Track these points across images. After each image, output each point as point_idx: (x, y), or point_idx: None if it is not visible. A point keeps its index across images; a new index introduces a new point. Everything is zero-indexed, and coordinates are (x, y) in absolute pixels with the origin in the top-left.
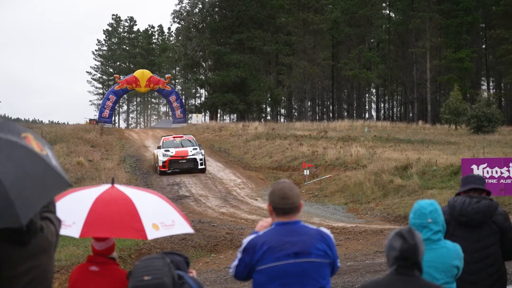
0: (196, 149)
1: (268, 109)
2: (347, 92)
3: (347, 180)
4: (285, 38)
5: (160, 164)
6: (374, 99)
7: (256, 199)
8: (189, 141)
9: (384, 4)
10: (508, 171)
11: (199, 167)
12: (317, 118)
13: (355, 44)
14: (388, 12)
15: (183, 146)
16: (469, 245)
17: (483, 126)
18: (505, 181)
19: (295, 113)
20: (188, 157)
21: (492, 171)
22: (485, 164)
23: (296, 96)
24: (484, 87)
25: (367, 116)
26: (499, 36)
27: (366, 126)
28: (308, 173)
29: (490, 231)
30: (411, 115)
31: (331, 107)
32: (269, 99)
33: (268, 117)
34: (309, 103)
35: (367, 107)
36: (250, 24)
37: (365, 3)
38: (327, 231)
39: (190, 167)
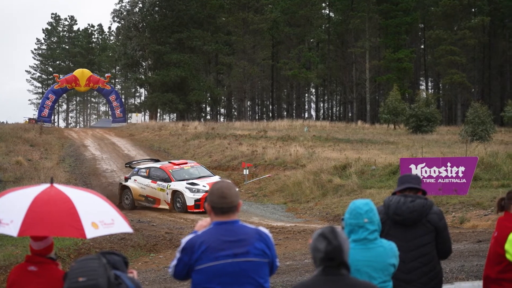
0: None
1: (208, 109)
2: (286, 92)
3: (286, 179)
4: (225, 38)
5: (191, 203)
6: (314, 98)
7: None
8: (201, 168)
9: (323, 4)
10: (446, 170)
11: None
12: (257, 117)
13: (294, 44)
14: (327, 12)
15: (202, 177)
16: (404, 244)
17: (422, 126)
18: (443, 180)
19: (235, 113)
20: None
21: (430, 170)
22: (423, 164)
23: (235, 95)
24: (423, 87)
25: (306, 115)
26: (438, 36)
27: (305, 125)
28: (247, 173)
29: (425, 230)
30: (350, 114)
31: (270, 107)
32: (209, 98)
33: (208, 117)
34: (248, 102)
35: (306, 106)
36: (190, 24)
37: (305, 3)
38: (266, 231)
39: None
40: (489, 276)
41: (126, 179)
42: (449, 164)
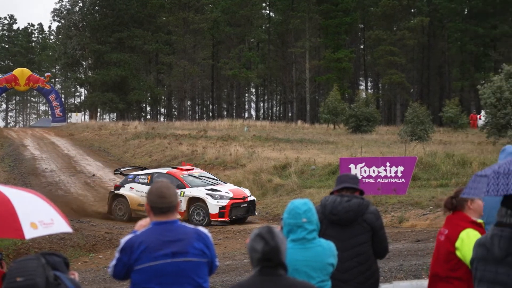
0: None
1: (148, 108)
2: (227, 92)
3: (226, 179)
4: (165, 37)
5: (215, 211)
6: (254, 98)
7: None
8: (207, 174)
9: (264, 4)
10: (385, 170)
11: (255, 213)
12: (197, 117)
13: (235, 43)
14: (268, 12)
15: (216, 183)
16: (340, 244)
17: (362, 126)
18: (382, 180)
19: (175, 113)
20: (248, 199)
21: (369, 170)
22: (363, 164)
23: (176, 95)
24: (362, 87)
25: (246, 115)
26: (377, 37)
27: (245, 125)
28: None
29: (361, 229)
30: (290, 114)
31: (211, 107)
32: (149, 98)
33: (148, 116)
34: (189, 102)
35: (246, 106)
36: (130, 23)
37: (245, 3)
38: (205, 230)
39: (244, 214)
40: (438, 274)
41: (118, 187)
42: (388, 164)
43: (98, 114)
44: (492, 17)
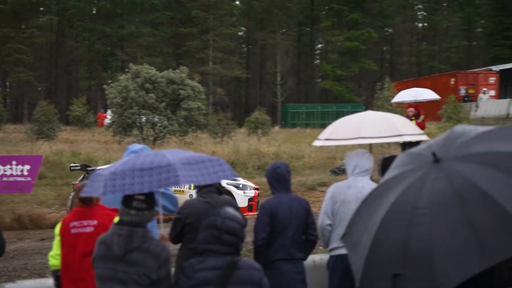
0: None
1: None
2: None
3: None
4: None
5: (245, 203)
6: None
7: None
8: None
9: None
10: (11, 169)
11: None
12: None
13: None
14: None
15: None
16: None
17: None
18: (8, 179)
19: None
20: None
21: None
22: None
23: None
24: None
25: None
26: (6, 34)
27: None
28: None
29: None
30: None
31: None
32: None
33: None
34: None
35: None
36: None
37: None
38: None
39: None
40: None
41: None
42: (14, 163)
43: None
44: (120, 17)
